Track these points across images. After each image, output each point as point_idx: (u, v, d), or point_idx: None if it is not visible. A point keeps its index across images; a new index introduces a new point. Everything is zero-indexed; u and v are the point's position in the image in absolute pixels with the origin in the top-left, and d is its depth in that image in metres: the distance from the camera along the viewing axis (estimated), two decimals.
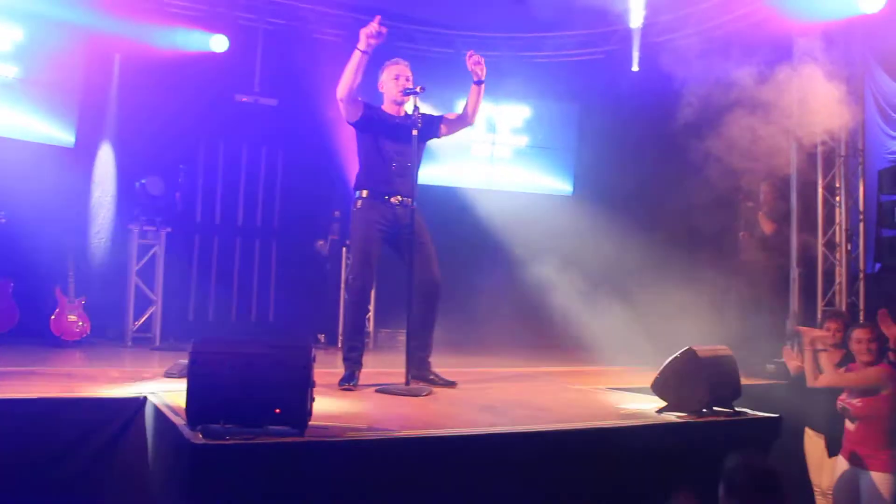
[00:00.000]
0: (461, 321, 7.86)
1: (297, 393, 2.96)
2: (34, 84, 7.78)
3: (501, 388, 5.18)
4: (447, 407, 4.26)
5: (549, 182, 10.14)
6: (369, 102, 4.99)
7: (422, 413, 3.96)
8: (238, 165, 9.16)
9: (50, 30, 7.79)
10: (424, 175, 5.08)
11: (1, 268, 7.29)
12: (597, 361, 7.38)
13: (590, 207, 9.21)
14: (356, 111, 4.90)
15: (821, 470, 4.85)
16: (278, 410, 2.91)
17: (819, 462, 4.87)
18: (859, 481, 4.24)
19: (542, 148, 10.13)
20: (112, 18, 8.04)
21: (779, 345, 6.03)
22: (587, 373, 6.54)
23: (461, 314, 7.87)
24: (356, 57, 4.71)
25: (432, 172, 8.86)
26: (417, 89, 4.80)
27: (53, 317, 7.24)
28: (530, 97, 9.90)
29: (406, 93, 4.90)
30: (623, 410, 4.14)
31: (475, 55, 4.93)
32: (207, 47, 8.46)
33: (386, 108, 5.06)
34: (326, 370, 4.86)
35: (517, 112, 10.06)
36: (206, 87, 8.48)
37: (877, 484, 4.14)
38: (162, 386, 4.35)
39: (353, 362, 4.85)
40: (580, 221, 9.24)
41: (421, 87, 4.80)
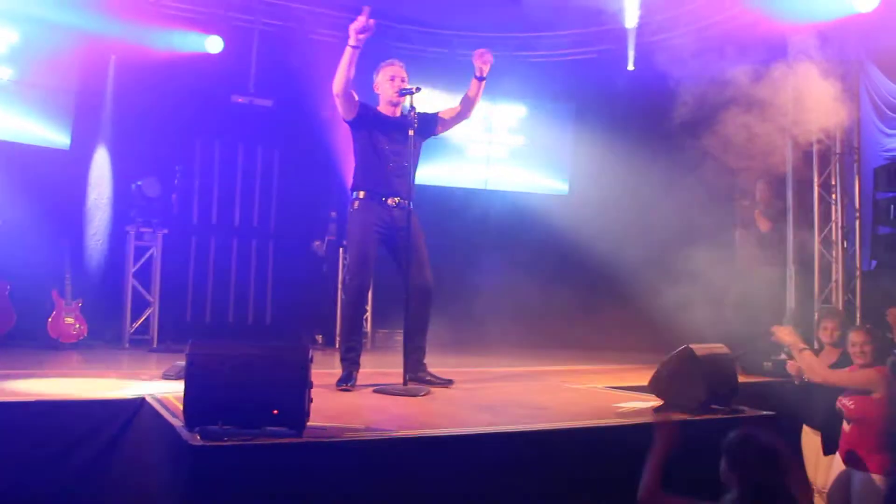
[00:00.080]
0: (458, 321, 7.87)
1: (295, 394, 2.96)
2: (29, 86, 7.75)
3: (499, 388, 5.18)
4: (445, 407, 4.27)
5: (545, 181, 10.14)
6: (365, 102, 5.00)
7: (420, 413, 3.97)
8: (234, 166, 9.15)
9: (45, 32, 7.75)
10: (421, 175, 5.07)
11: None
12: (594, 360, 7.39)
13: (586, 207, 9.21)
14: (352, 108, 4.90)
15: (816, 468, 4.86)
16: (276, 411, 2.92)
17: (815, 460, 4.88)
18: (852, 480, 4.26)
19: (539, 147, 10.14)
20: (107, 20, 8.03)
21: (776, 343, 6.04)
22: (584, 372, 6.54)
23: (458, 314, 7.89)
24: (347, 52, 4.73)
25: (428, 172, 8.84)
26: (413, 89, 4.80)
27: (50, 319, 7.23)
28: (526, 97, 9.90)
29: (402, 93, 4.91)
30: (620, 409, 4.15)
31: (487, 53, 4.96)
32: (203, 48, 8.44)
33: (382, 109, 5.07)
34: (324, 371, 4.85)
35: (513, 112, 10.06)
36: (202, 89, 8.46)
37: (868, 484, 4.16)
38: (160, 387, 4.35)
39: (351, 363, 4.86)
40: (576, 221, 9.24)
41: (417, 88, 4.81)
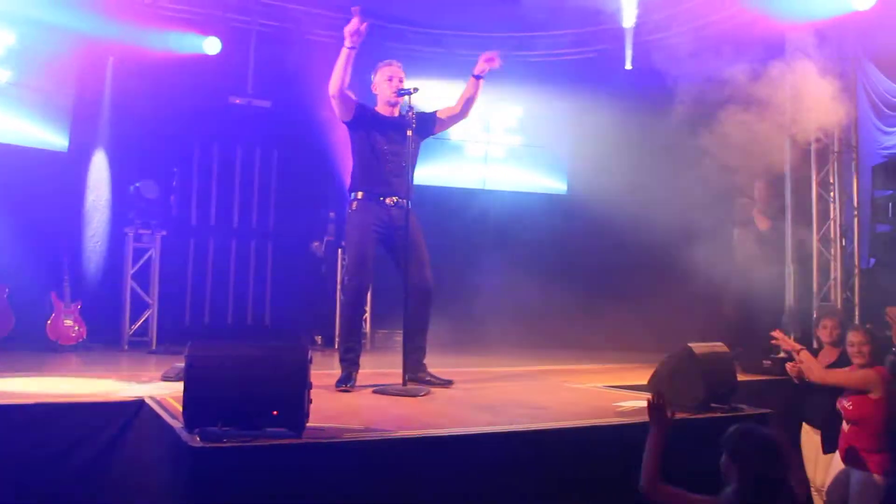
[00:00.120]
0: (457, 321, 7.86)
1: (295, 394, 2.96)
2: (27, 88, 7.75)
3: (498, 388, 5.17)
4: (444, 407, 4.26)
5: (544, 181, 10.15)
6: (363, 103, 5.00)
7: (419, 413, 3.96)
8: (232, 167, 9.15)
9: (42, 34, 7.75)
10: (419, 175, 5.07)
11: None
12: (593, 360, 7.39)
13: (584, 206, 9.22)
14: (349, 109, 4.90)
15: (816, 466, 4.86)
16: (275, 412, 2.91)
17: (814, 458, 4.88)
18: (851, 479, 4.26)
19: (536, 147, 10.15)
20: (104, 22, 8.04)
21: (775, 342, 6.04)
22: (584, 371, 6.54)
23: (457, 314, 7.88)
24: (343, 54, 4.73)
25: (427, 173, 8.85)
26: (411, 90, 4.80)
27: (49, 321, 7.23)
28: (524, 96, 9.91)
29: (400, 93, 4.91)
30: (620, 408, 4.15)
31: (497, 59, 4.97)
32: (200, 50, 8.44)
33: (380, 110, 5.07)
34: (323, 371, 4.85)
35: (511, 111, 10.07)
36: (200, 90, 8.46)
37: (867, 483, 4.17)
38: (159, 389, 4.34)
39: (350, 363, 4.85)
40: (575, 220, 9.27)
41: (415, 88, 4.80)
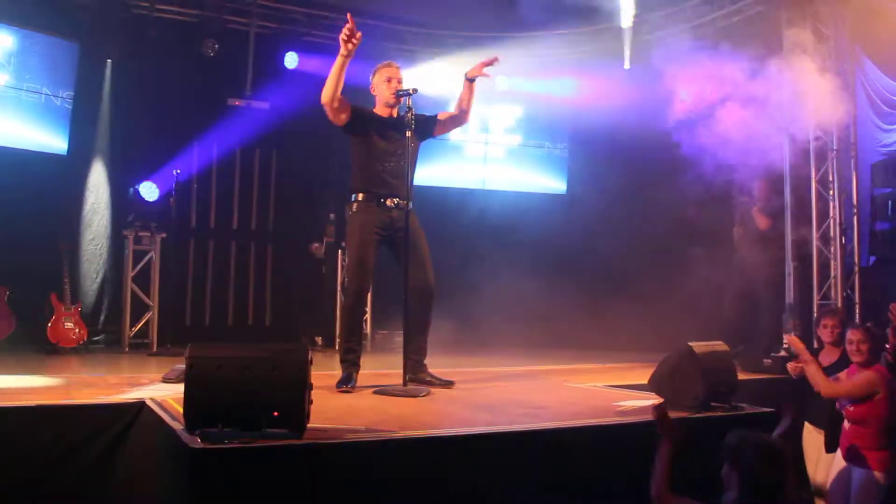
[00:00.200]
0: (457, 321, 7.85)
1: (295, 395, 2.96)
2: (26, 92, 7.75)
3: (498, 388, 5.17)
4: (445, 407, 4.27)
5: (543, 181, 10.16)
6: (360, 105, 4.98)
7: (420, 413, 3.96)
8: (232, 169, 9.14)
9: (41, 36, 7.76)
10: (418, 176, 5.06)
11: None
12: (593, 359, 7.40)
13: (584, 205, 9.24)
14: (342, 115, 4.86)
15: (818, 465, 4.86)
16: (276, 413, 2.91)
17: (816, 457, 4.88)
18: (852, 477, 4.26)
19: (535, 147, 10.16)
20: (103, 24, 8.04)
21: (776, 340, 6.07)
22: (584, 370, 6.54)
23: (457, 314, 7.87)
24: (338, 62, 4.67)
25: (426, 173, 8.85)
26: (410, 91, 4.79)
27: (50, 324, 7.22)
28: (522, 96, 9.91)
29: (398, 94, 4.89)
30: (620, 408, 4.15)
31: (496, 65, 4.91)
32: (199, 52, 8.45)
33: (378, 111, 5.04)
34: (324, 372, 4.85)
35: (509, 111, 10.08)
36: (198, 92, 8.48)
37: (868, 481, 4.16)
38: (160, 391, 4.34)
39: (351, 364, 4.85)
40: (574, 220, 9.27)
41: (414, 89, 4.79)
